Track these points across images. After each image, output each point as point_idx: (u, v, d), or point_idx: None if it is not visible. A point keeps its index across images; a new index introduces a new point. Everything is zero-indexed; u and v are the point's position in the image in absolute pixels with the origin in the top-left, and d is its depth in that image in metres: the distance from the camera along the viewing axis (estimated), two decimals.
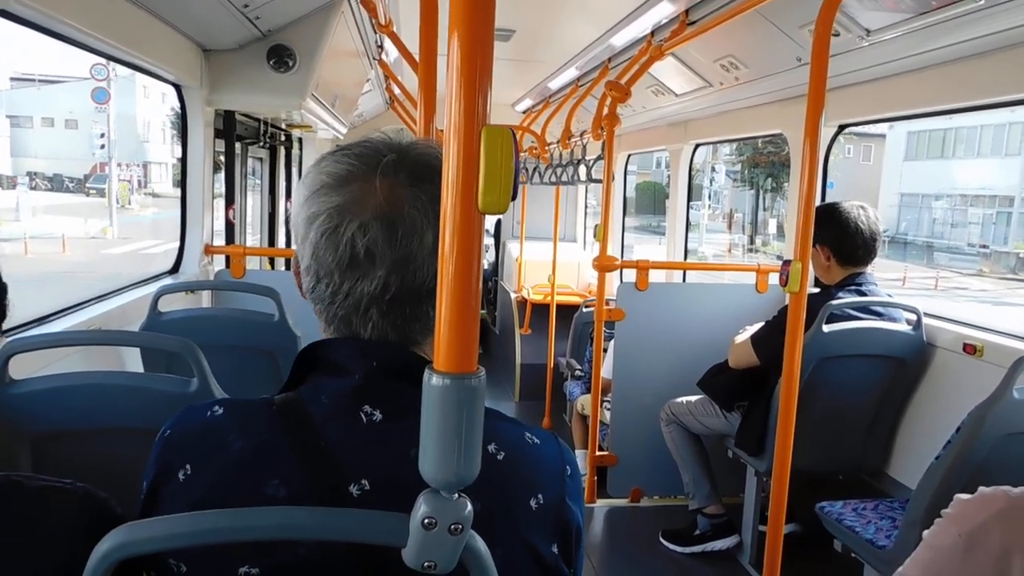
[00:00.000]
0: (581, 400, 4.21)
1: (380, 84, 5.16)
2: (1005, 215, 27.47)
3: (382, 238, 0.78)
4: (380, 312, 0.80)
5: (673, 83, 3.70)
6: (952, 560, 1.07)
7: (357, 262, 0.79)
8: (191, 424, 0.81)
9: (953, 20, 2.00)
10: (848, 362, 2.58)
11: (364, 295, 0.80)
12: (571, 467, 0.85)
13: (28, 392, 1.43)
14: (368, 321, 0.81)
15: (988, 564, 1.03)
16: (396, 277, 0.78)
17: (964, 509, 1.09)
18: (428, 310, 0.81)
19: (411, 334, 0.82)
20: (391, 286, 0.79)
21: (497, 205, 0.56)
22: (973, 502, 1.09)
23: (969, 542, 1.05)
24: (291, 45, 2.92)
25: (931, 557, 1.11)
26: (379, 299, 0.80)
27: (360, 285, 0.79)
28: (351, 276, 0.79)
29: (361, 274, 0.79)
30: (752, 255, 28.14)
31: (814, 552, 2.67)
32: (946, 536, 1.09)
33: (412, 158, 0.81)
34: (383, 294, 0.79)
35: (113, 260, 17.62)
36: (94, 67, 22.02)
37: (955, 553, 1.06)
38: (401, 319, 0.81)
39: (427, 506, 0.59)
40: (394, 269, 0.78)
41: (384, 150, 0.82)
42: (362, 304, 0.80)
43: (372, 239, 0.78)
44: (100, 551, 0.63)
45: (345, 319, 0.82)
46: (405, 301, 0.80)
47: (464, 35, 0.55)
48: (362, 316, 0.81)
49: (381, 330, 0.81)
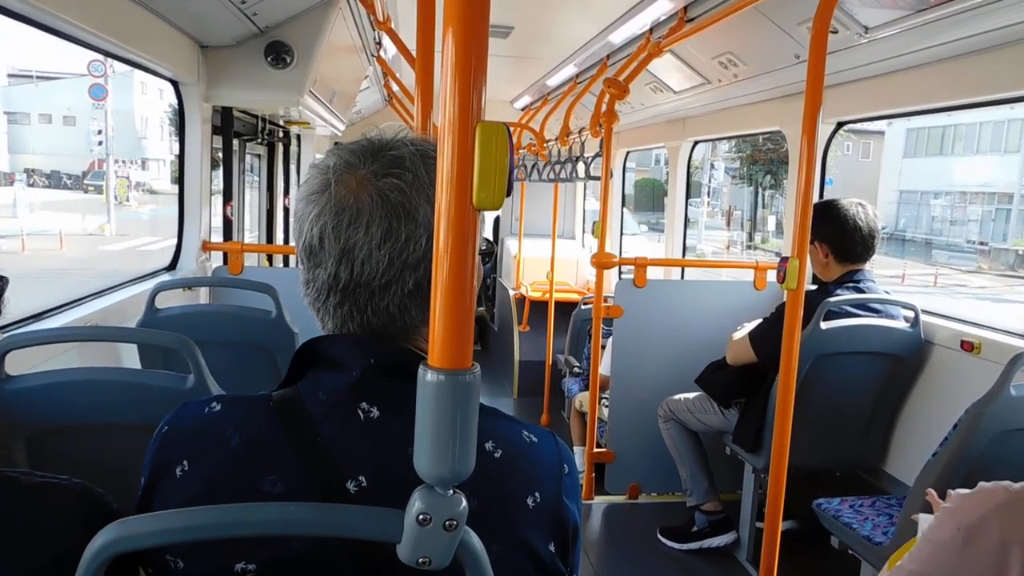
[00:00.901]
0: (579, 397, 4.21)
1: (378, 81, 5.16)
2: (1004, 212, 27.46)
3: (331, 227, 0.79)
4: (336, 301, 0.82)
5: (671, 80, 3.69)
6: (951, 553, 1.08)
7: (314, 251, 0.81)
8: (188, 420, 0.81)
9: (951, 17, 2.00)
10: (846, 359, 2.58)
11: (323, 284, 0.81)
12: (568, 465, 0.85)
13: (25, 388, 1.43)
14: (328, 309, 0.83)
15: (986, 557, 1.04)
16: (344, 267, 0.79)
17: (963, 504, 1.10)
18: (388, 306, 0.81)
19: (376, 327, 0.82)
20: (341, 276, 0.80)
21: (492, 201, 0.56)
22: (972, 497, 1.10)
23: (967, 536, 1.06)
24: (289, 41, 2.91)
25: (929, 551, 1.12)
26: (333, 288, 0.81)
27: (319, 273, 0.81)
28: (313, 265, 0.82)
29: (318, 262, 0.81)
30: (751, 252, 28.13)
31: (811, 548, 2.68)
32: (944, 530, 1.10)
33: (386, 153, 0.82)
34: (335, 283, 0.81)
35: (110, 257, 17.57)
36: (91, 63, 22.02)
37: (953, 547, 1.07)
38: (356, 310, 0.81)
39: (422, 502, 0.59)
40: (342, 259, 0.79)
41: (369, 144, 0.83)
42: (322, 293, 0.82)
43: (323, 226, 0.79)
44: (95, 546, 0.63)
45: (314, 307, 0.84)
46: (356, 292, 0.81)
47: (459, 31, 0.55)
48: (324, 303, 0.83)
49: (340, 319, 0.83)
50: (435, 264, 0.58)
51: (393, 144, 0.82)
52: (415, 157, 0.81)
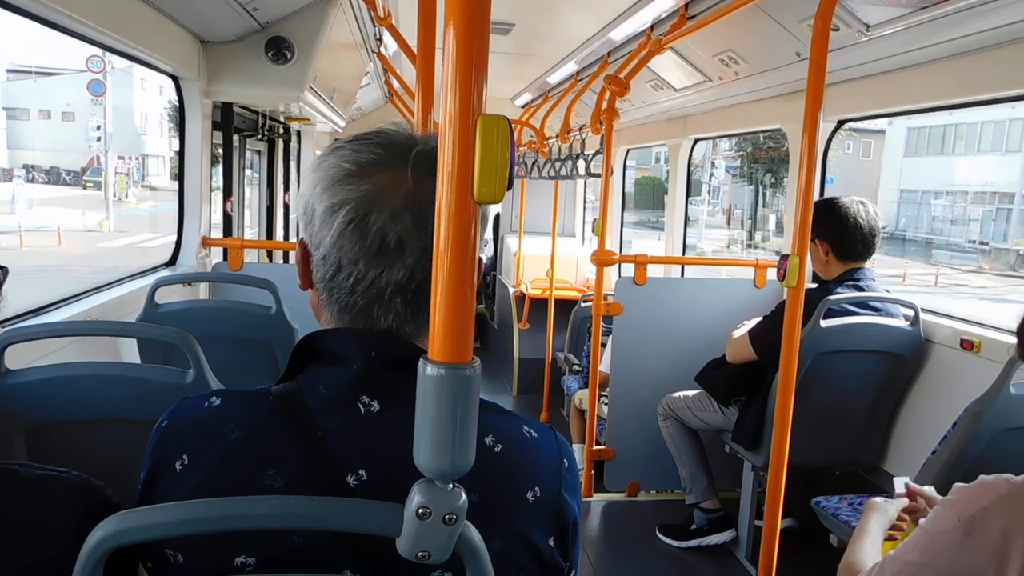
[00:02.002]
0: (579, 395, 4.21)
1: (379, 77, 5.15)
2: (1005, 212, 27.45)
3: (413, 227, 0.78)
4: (404, 301, 0.81)
5: (672, 78, 3.69)
6: (951, 544, 1.08)
7: (387, 251, 0.79)
8: (189, 415, 0.81)
9: (953, 15, 2.00)
10: (845, 357, 2.58)
11: (390, 283, 0.80)
12: (568, 460, 0.85)
13: (24, 382, 1.43)
14: (391, 310, 0.81)
15: (988, 548, 1.05)
16: (421, 267, 0.79)
17: (965, 495, 1.11)
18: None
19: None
20: (417, 275, 0.79)
21: (493, 194, 0.56)
22: (974, 489, 1.11)
23: (968, 527, 1.07)
24: (289, 37, 2.91)
25: (929, 541, 1.12)
26: (405, 288, 0.80)
27: (386, 274, 0.79)
28: (377, 265, 0.79)
29: (388, 263, 0.79)
30: (751, 251, 28.10)
31: (810, 547, 2.68)
32: (945, 522, 1.10)
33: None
34: (409, 283, 0.80)
35: (108, 254, 17.52)
36: (90, 59, 21.90)
37: (954, 538, 1.08)
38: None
39: (421, 496, 0.59)
40: (421, 258, 0.78)
41: (410, 140, 0.82)
42: (386, 293, 0.80)
43: (403, 228, 0.78)
44: (94, 539, 0.63)
45: (365, 309, 0.81)
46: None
47: (460, 26, 0.55)
48: (385, 305, 0.81)
49: (402, 318, 0.82)
50: (435, 258, 0.58)
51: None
52: None
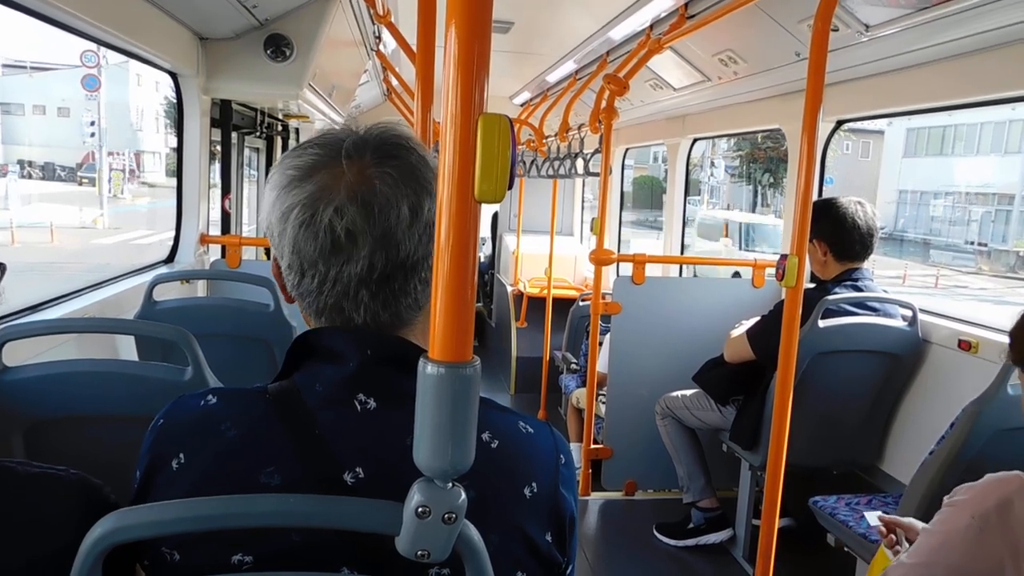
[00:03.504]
0: (576, 394, 4.21)
1: (378, 75, 5.14)
2: (1004, 213, 27.45)
3: (360, 217, 0.77)
4: (370, 293, 0.80)
5: (671, 77, 3.69)
6: (965, 541, 1.09)
7: (340, 246, 0.78)
8: (185, 413, 0.81)
9: (953, 16, 2.00)
10: (843, 357, 2.58)
11: (352, 278, 0.79)
12: (565, 456, 0.86)
13: (22, 379, 1.43)
14: (360, 304, 0.81)
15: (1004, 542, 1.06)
16: (380, 254, 0.78)
17: (976, 494, 1.12)
18: (416, 284, 0.81)
19: (401, 312, 0.82)
20: (377, 264, 0.79)
21: (494, 193, 0.56)
22: (985, 486, 1.12)
23: (983, 523, 1.08)
24: (288, 34, 2.90)
25: (941, 541, 1.13)
26: (367, 279, 0.79)
27: (346, 269, 0.79)
28: (336, 261, 0.79)
29: (346, 258, 0.79)
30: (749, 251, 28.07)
31: (807, 546, 2.69)
32: (958, 520, 1.11)
33: (374, 138, 0.82)
34: (370, 273, 0.79)
35: (101, 251, 17.45)
36: (84, 53, 21.81)
37: (968, 535, 1.09)
38: (391, 297, 0.81)
39: (421, 495, 0.59)
40: (377, 247, 0.78)
41: (343, 136, 0.82)
42: (351, 288, 0.80)
43: (350, 220, 0.77)
44: (92, 537, 0.63)
45: (335, 307, 0.81)
46: (393, 277, 0.80)
47: (462, 24, 0.55)
48: (352, 300, 0.80)
49: (373, 311, 0.81)
50: (436, 257, 0.58)
51: (375, 129, 0.83)
52: (400, 136, 0.83)
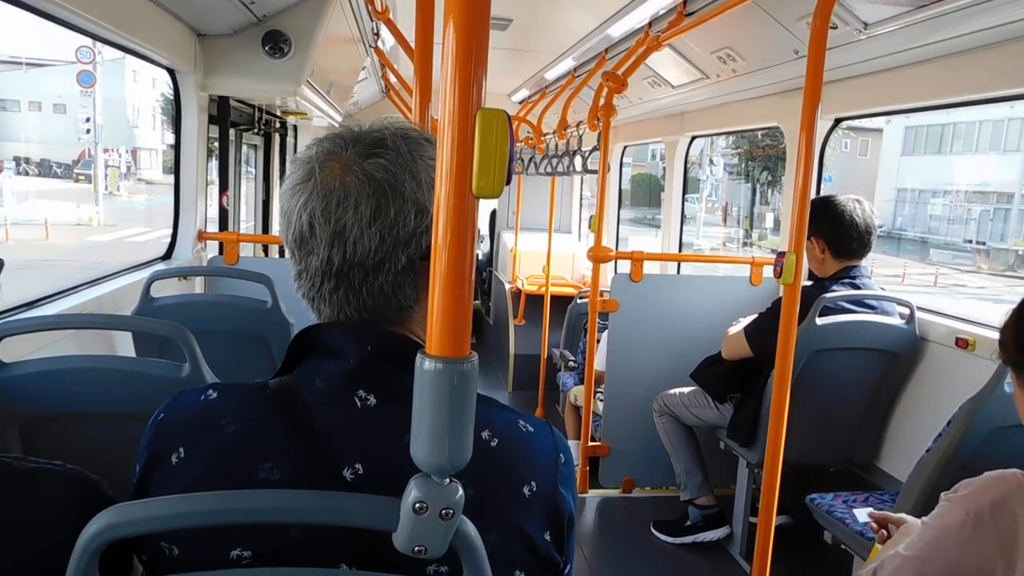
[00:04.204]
0: (574, 391, 4.21)
1: (376, 72, 5.13)
2: (1003, 211, 27.46)
3: (319, 211, 0.79)
4: (331, 287, 0.81)
5: (670, 75, 3.69)
6: (959, 538, 1.10)
7: (304, 238, 0.80)
8: (185, 408, 0.81)
9: (952, 14, 2.00)
10: (841, 355, 2.59)
11: (316, 271, 0.81)
12: (564, 455, 0.86)
13: (19, 375, 1.43)
14: (323, 296, 0.82)
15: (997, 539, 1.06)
16: (337, 250, 0.79)
17: (973, 490, 1.12)
18: (382, 285, 0.80)
19: (371, 309, 0.81)
20: (334, 259, 0.79)
21: (491, 189, 0.56)
22: (982, 483, 1.12)
23: (977, 520, 1.08)
24: (286, 31, 2.90)
25: (934, 536, 1.13)
26: (327, 273, 0.80)
27: (311, 261, 0.81)
28: (304, 253, 0.81)
29: (309, 249, 0.80)
30: (747, 249, 28.10)
31: (804, 543, 2.69)
32: (953, 516, 1.12)
33: (366, 136, 0.82)
34: (328, 267, 0.80)
35: (96, 248, 17.39)
36: (79, 49, 21.70)
37: (963, 532, 1.10)
38: (351, 293, 0.81)
39: (418, 490, 0.59)
40: (333, 241, 0.79)
41: (345, 132, 0.83)
42: (316, 280, 0.81)
43: (312, 212, 0.79)
44: (89, 532, 0.63)
45: (308, 296, 0.84)
46: (351, 274, 0.80)
47: (460, 20, 0.55)
48: (318, 292, 0.82)
49: (336, 305, 0.82)
50: (433, 253, 0.58)
51: (373, 128, 0.84)
52: (396, 136, 0.82)
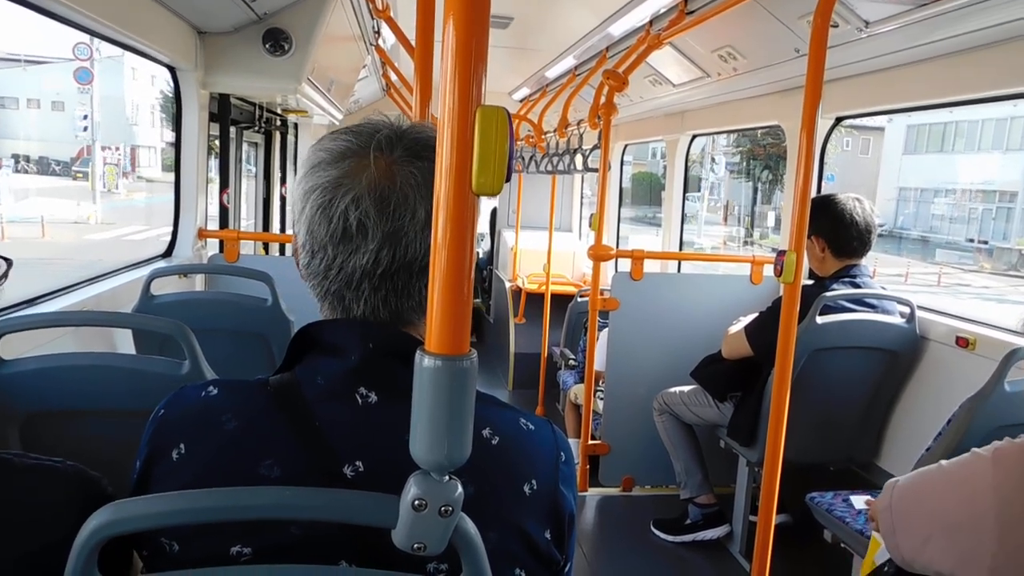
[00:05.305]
0: (574, 389, 4.21)
1: (377, 70, 5.13)
2: (1005, 210, 27.42)
3: (374, 211, 0.78)
4: (372, 287, 0.80)
5: (671, 73, 3.69)
6: (982, 464, 1.13)
7: (349, 235, 0.79)
8: (186, 404, 0.81)
9: (952, 12, 1.99)
10: (841, 354, 2.58)
11: (356, 269, 0.80)
12: (565, 453, 0.86)
13: (19, 372, 1.43)
14: (360, 296, 0.81)
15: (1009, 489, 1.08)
16: (388, 251, 0.78)
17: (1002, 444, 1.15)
18: (421, 288, 0.81)
19: (403, 312, 0.82)
20: (383, 260, 0.79)
21: (491, 186, 0.56)
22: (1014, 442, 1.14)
23: (997, 460, 1.11)
24: (287, 28, 2.90)
25: (956, 460, 1.17)
26: (371, 273, 0.80)
27: (352, 259, 0.79)
28: (344, 250, 0.80)
29: (353, 248, 0.79)
30: (748, 248, 28.06)
31: (804, 542, 2.69)
32: (982, 452, 1.15)
33: (409, 135, 0.82)
34: (375, 268, 0.79)
35: (93, 246, 17.35)
36: (77, 46, 21.64)
37: (986, 464, 1.12)
38: (393, 295, 0.81)
39: (417, 488, 0.59)
40: (385, 243, 0.78)
41: (380, 127, 0.82)
42: (354, 278, 0.80)
43: (364, 212, 0.78)
44: (89, 528, 0.63)
45: (338, 294, 0.82)
46: (397, 276, 0.80)
47: (460, 17, 0.55)
48: (354, 291, 0.81)
49: (372, 305, 0.81)
50: (433, 250, 0.58)
51: (414, 127, 0.83)
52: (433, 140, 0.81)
